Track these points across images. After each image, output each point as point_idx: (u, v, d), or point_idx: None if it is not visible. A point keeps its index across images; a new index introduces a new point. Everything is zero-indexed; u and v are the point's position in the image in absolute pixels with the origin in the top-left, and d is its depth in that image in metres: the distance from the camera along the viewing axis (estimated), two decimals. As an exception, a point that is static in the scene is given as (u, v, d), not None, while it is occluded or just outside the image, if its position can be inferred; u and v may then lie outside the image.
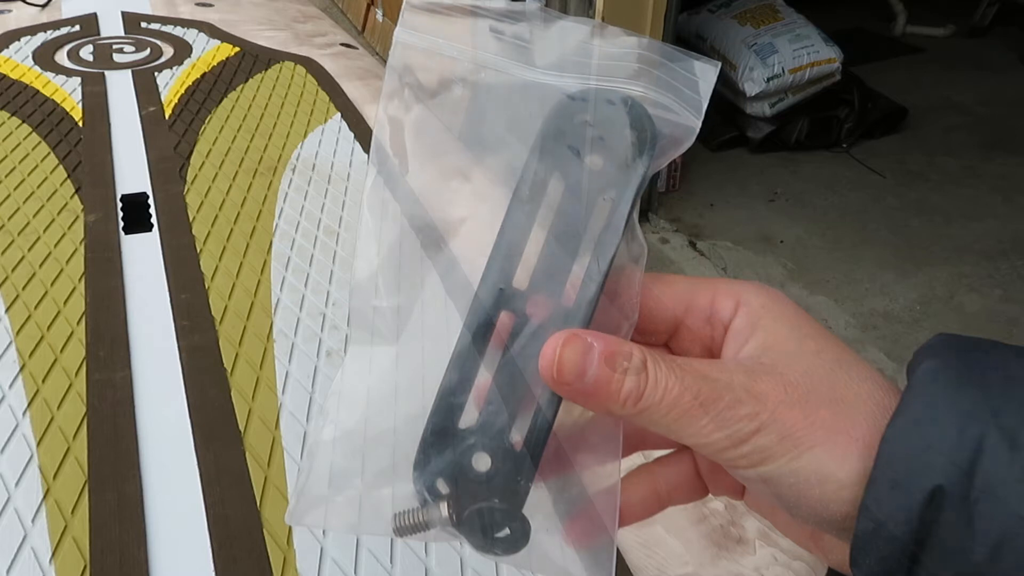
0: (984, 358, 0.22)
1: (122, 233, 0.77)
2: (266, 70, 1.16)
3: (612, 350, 0.23)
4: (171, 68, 1.14)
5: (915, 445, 0.21)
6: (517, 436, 0.24)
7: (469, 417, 0.24)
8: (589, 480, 0.26)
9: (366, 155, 0.93)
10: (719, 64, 0.26)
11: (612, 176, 0.25)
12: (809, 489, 0.23)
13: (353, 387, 0.26)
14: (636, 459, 0.29)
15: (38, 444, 0.54)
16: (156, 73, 1.12)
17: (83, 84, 1.07)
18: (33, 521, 0.49)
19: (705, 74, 0.26)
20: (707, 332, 0.26)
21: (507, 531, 0.24)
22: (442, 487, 0.24)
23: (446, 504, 0.24)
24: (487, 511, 0.24)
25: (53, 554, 0.47)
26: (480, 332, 0.25)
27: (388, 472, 0.25)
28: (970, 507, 0.20)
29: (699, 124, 0.25)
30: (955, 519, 0.20)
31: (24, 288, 0.68)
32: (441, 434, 0.24)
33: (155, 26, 1.31)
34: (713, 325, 0.26)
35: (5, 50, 1.17)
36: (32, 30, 1.26)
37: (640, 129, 0.25)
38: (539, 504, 0.25)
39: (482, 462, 0.24)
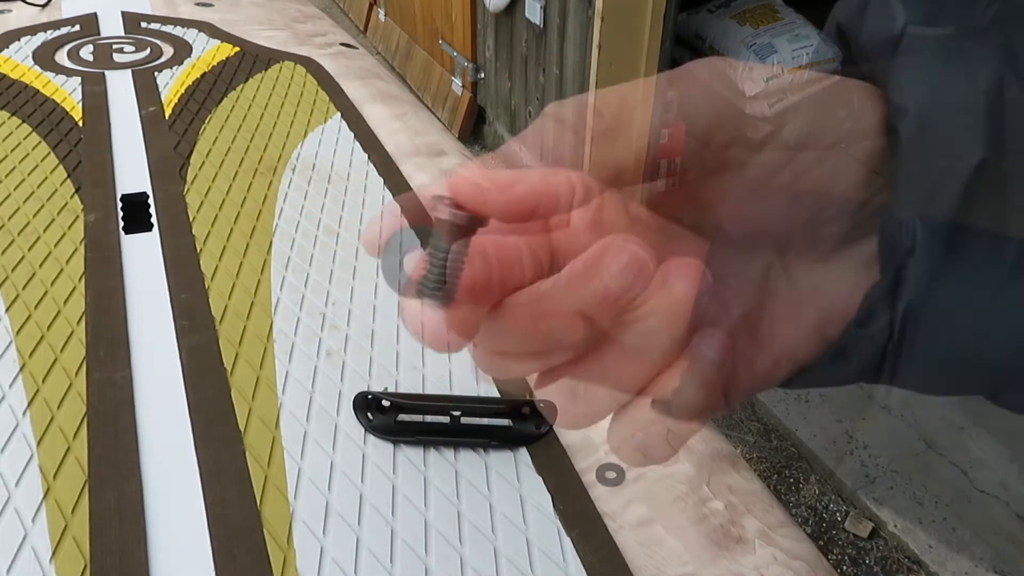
0: None
1: (122, 233, 0.77)
2: (266, 70, 1.16)
3: (635, 259, 0.24)
4: (171, 68, 1.14)
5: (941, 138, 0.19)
6: None
7: None
8: None
9: (366, 155, 0.94)
10: None
11: None
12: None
13: None
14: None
15: (38, 444, 0.54)
16: (156, 73, 1.12)
17: (83, 84, 1.07)
18: (33, 521, 0.49)
19: None
20: None
21: None
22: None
23: None
24: None
25: (53, 553, 0.47)
26: None
27: None
28: (1003, 175, 0.19)
29: None
30: (990, 190, 0.19)
31: (24, 288, 0.68)
32: None
33: (155, 26, 1.31)
34: None
35: (5, 50, 1.17)
36: (32, 30, 1.26)
37: None
38: None
39: None
